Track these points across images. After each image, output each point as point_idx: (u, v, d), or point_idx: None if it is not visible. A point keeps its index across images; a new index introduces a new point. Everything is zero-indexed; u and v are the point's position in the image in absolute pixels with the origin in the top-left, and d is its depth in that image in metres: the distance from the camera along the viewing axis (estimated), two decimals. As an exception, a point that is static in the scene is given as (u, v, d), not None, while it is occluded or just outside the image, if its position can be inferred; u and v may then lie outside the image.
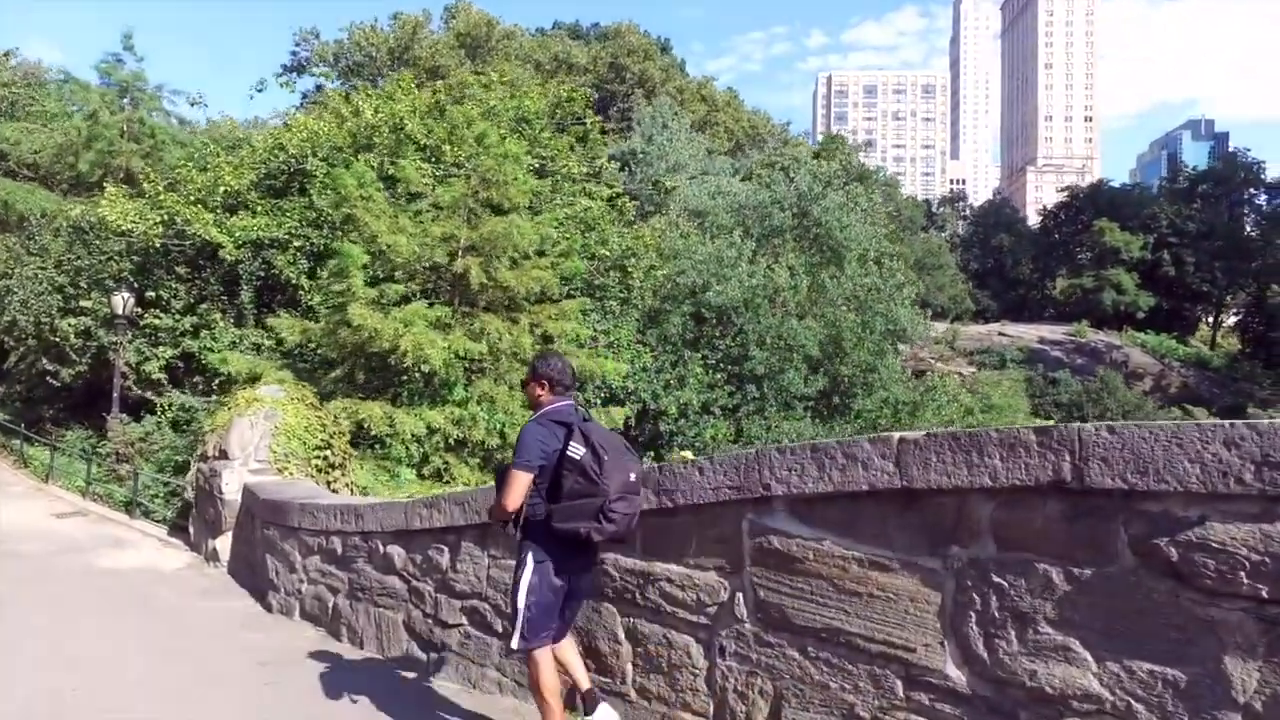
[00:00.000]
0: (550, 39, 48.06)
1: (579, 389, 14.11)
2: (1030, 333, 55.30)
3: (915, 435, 2.73)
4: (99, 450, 14.23)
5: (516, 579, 3.39)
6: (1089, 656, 2.30)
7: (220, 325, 14.53)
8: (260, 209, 14.99)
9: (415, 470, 10.88)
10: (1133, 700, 2.19)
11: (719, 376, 19.09)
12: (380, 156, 14.81)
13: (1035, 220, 79.10)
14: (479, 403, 11.34)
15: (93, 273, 16.05)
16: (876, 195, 30.68)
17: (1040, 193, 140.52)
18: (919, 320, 24.68)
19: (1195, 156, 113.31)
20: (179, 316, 15.01)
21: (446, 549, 4.75)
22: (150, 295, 15.16)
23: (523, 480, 3.29)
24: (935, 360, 43.30)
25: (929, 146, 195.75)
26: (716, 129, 44.52)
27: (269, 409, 8.78)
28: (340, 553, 5.82)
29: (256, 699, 4.59)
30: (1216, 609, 2.05)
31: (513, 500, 3.29)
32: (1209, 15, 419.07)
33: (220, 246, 14.37)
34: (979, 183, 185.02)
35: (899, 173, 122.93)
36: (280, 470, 8.46)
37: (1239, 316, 61.98)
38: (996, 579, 2.52)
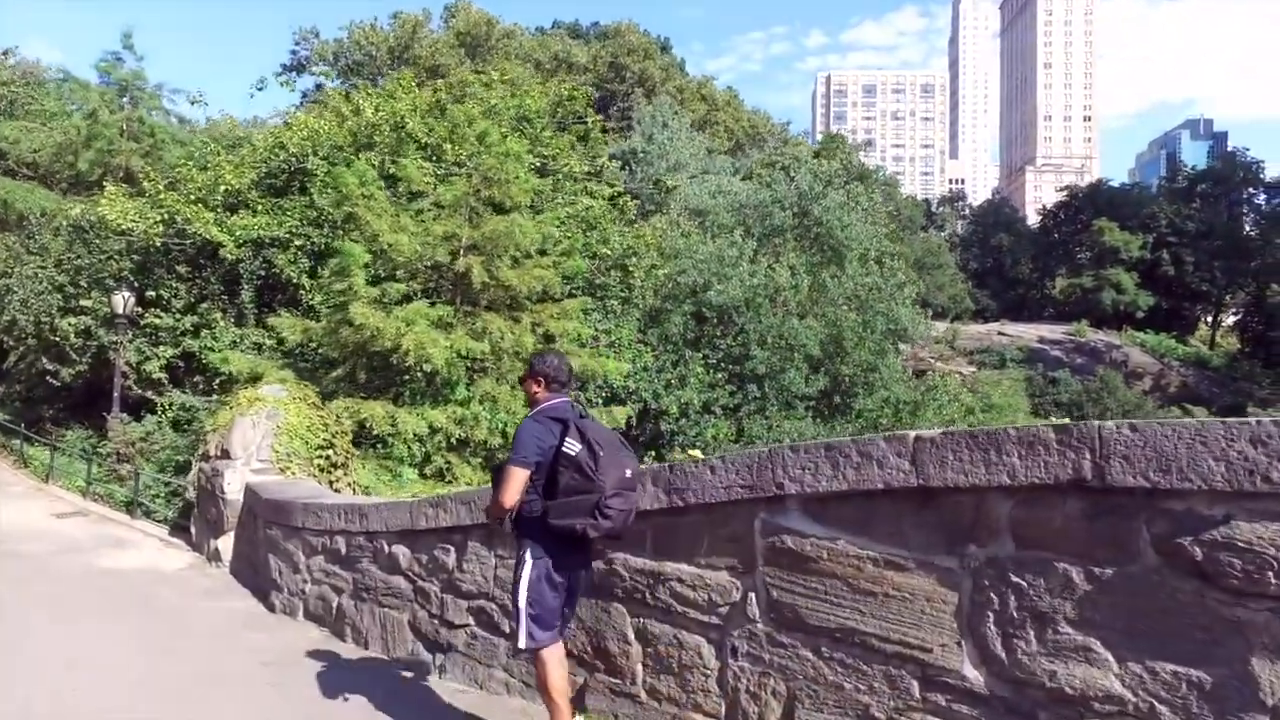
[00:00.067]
0: (550, 38, 48.03)
1: (581, 388, 14.08)
2: (1030, 332, 55.30)
3: (932, 433, 2.70)
4: (99, 450, 14.18)
5: (516, 577, 3.39)
6: (1110, 657, 2.27)
7: (221, 325, 14.50)
8: (261, 208, 14.96)
9: (417, 470, 10.85)
10: (1156, 702, 2.16)
11: (720, 376, 19.07)
12: (381, 155, 14.78)
13: (1034, 220, 79.10)
14: (481, 402, 11.31)
15: (93, 272, 16.00)
16: (877, 195, 30.67)
17: (1039, 192, 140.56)
18: (920, 320, 24.67)
19: (1194, 156, 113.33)
20: (179, 316, 14.97)
21: (453, 549, 4.71)
22: (151, 294, 15.13)
23: (519, 476, 3.29)
24: (935, 360, 43.28)
25: (928, 146, 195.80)
26: (716, 128, 44.49)
27: (271, 408, 8.74)
28: (344, 553, 5.79)
29: (261, 700, 4.56)
30: (1243, 609, 2.02)
31: (509, 497, 3.29)
32: (1208, 15, 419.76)
33: (221, 245, 14.34)
34: (978, 182, 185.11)
35: (898, 172, 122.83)
36: (282, 470, 8.42)
37: (1238, 316, 62.01)
38: (1015, 578, 2.49)
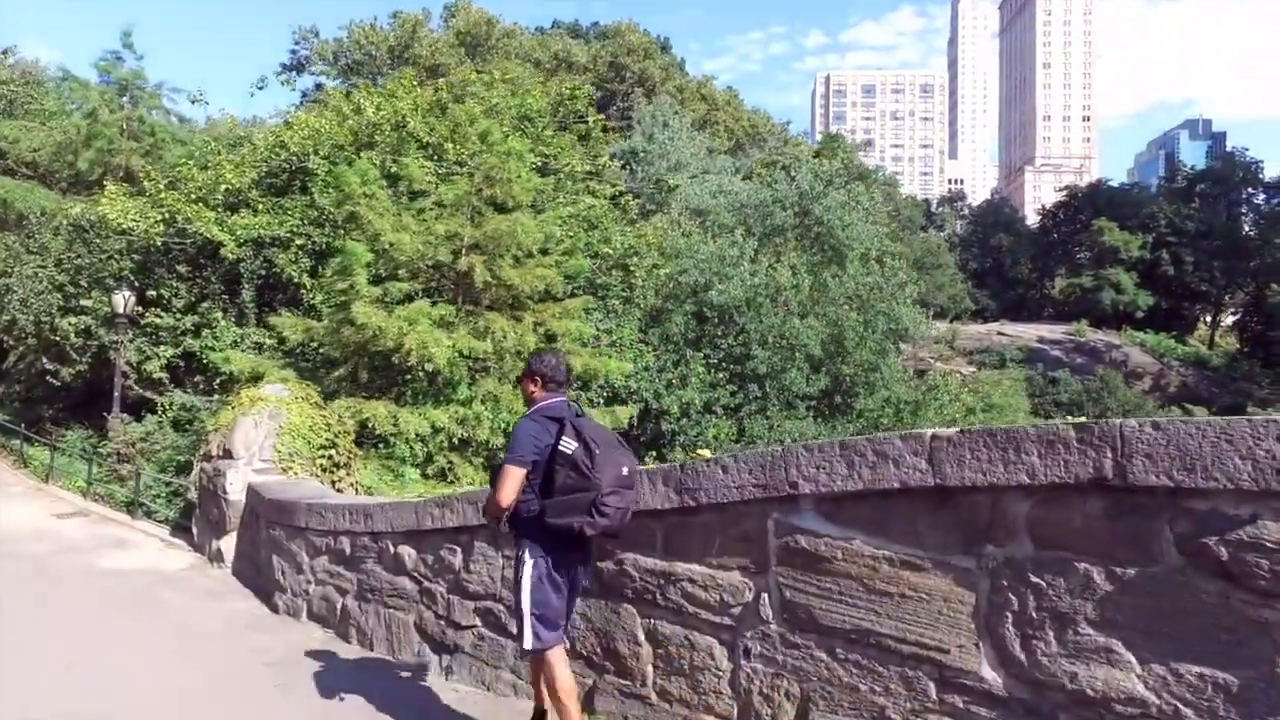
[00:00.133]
0: (550, 38, 47.99)
1: (583, 388, 14.05)
2: (1029, 332, 55.30)
3: (949, 432, 2.68)
4: (99, 450, 14.13)
5: (517, 577, 3.38)
6: (1133, 658, 2.24)
7: (222, 324, 14.46)
8: (262, 207, 14.93)
9: (419, 470, 10.82)
10: (1180, 704, 2.13)
11: (721, 376, 19.05)
12: (382, 155, 14.74)
13: (1034, 220, 79.09)
14: (483, 402, 11.28)
15: (93, 271, 15.95)
16: (877, 194, 30.65)
17: (1038, 192, 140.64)
18: (921, 320, 24.64)
19: (1193, 156, 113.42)
20: (180, 315, 14.94)
21: (459, 549, 4.68)
22: (151, 294, 15.09)
23: (516, 475, 3.31)
24: (935, 360, 43.27)
25: (927, 146, 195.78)
26: (716, 128, 44.45)
27: (273, 408, 8.70)
28: (349, 553, 5.75)
29: (266, 701, 4.54)
30: (1271, 610, 1.99)
31: (506, 495, 3.31)
32: (1207, 15, 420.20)
33: (221, 245, 14.30)
34: (977, 182, 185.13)
35: (897, 172, 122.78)
36: (285, 470, 8.38)
37: (1237, 316, 62.03)
38: (1034, 578, 2.47)
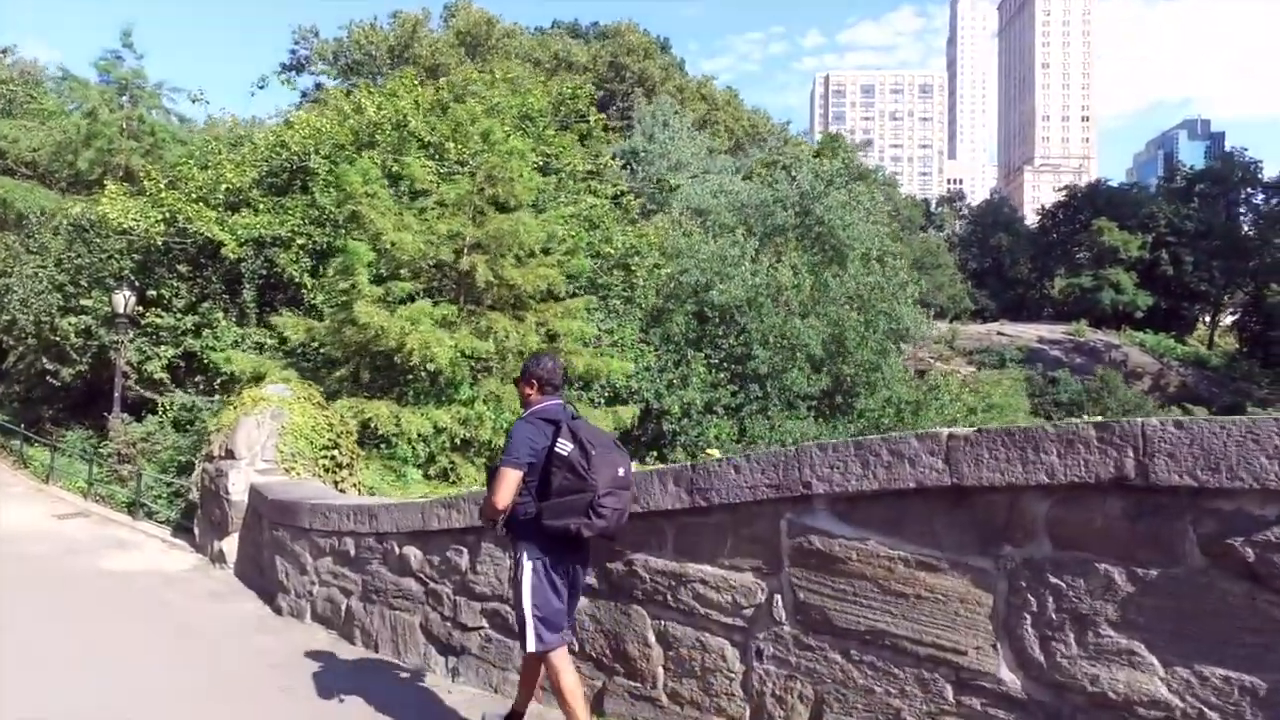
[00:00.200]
0: (550, 37, 47.94)
1: (584, 388, 14.02)
2: (1029, 332, 55.31)
3: (965, 431, 2.65)
4: (100, 451, 14.09)
5: (516, 579, 3.39)
6: (1155, 661, 2.22)
7: (222, 324, 14.43)
8: (262, 207, 14.89)
9: (421, 470, 10.78)
10: (1205, 708, 2.11)
11: (722, 376, 19.03)
12: (383, 154, 14.70)
13: (1033, 220, 79.09)
14: (485, 402, 11.24)
15: (93, 271, 15.91)
16: (878, 194, 30.64)
17: (1037, 192, 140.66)
18: (922, 319, 24.63)
19: (1191, 156, 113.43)
20: (181, 315, 14.90)
21: (466, 550, 4.65)
22: (151, 294, 15.05)
23: (512, 478, 3.32)
24: (935, 360, 43.27)
25: (926, 146, 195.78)
26: (716, 128, 44.40)
27: (275, 408, 8.66)
28: (353, 554, 5.72)
29: (271, 703, 4.50)
30: (1299, 612, 1.97)
31: (503, 498, 3.32)
32: (1205, 15, 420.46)
33: (222, 245, 14.26)
34: (976, 182, 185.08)
35: (896, 172, 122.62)
36: (287, 470, 8.35)
37: (1236, 316, 62.05)
38: (1053, 579, 2.44)
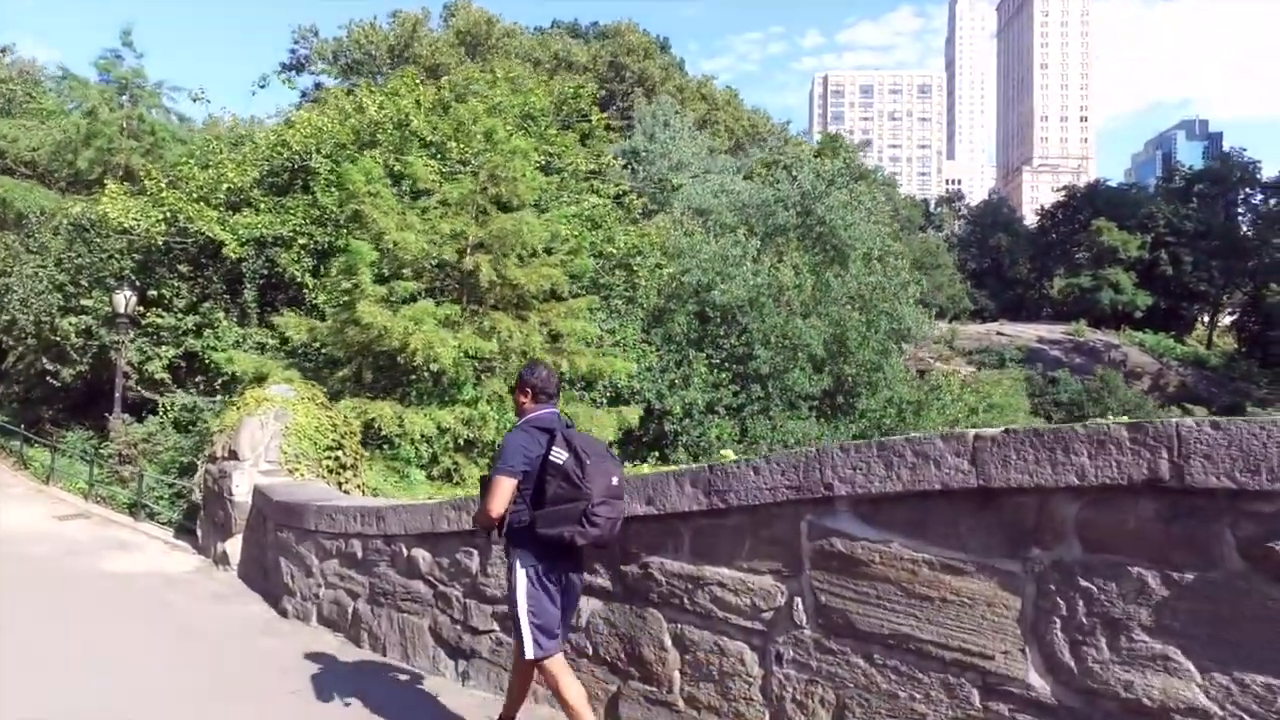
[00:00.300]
0: (550, 37, 47.88)
1: (587, 388, 13.98)
2: (1028, 332, 55.33)
3: (992, 432, 2.61)
4: (101, 451, 14.03)
5: (512, 586, 3.40)
6: (1192, 667, 2.17)
7: (224, 324, 14.38)
8: (264, 206, 14.84)
9: (424, 471, 10.74)
10: (1246, 716, 2.06)
11: (724, 376, 19.00)
12: (385, 153, 14.65)
13: (1032, 220, 79.15)
14: (489, 402, 11.20)
15: (93, 271, 15.85)
16: (878, 194, 30.63)
17: (1036, 192, 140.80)
18: (924, 319, 24.61)
19: (1189, 156, 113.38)
20: (181, 315, 14.85)
21: (476, 552, 4.61)
22: (152, 294, 15.01)
23: (507, 485, 3.33)
24: (935, 360, 43.25)
25: (925, 146, 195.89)
26: (717, 127, 44.37)
27: (279, 409, 8.60)
28: (360, 556, 5.67)
29: (278, 707, 4.46)
30: (1344, 617, 1.93)
31: (497, 505, 3.33)
32: (1204, 15, 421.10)
33: (223, 244, 14.21)
34: (975, 183, 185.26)
35: (895, 172, 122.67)
36: (291, 471, 8.30)
37: (1235, 316, 62.12)
38: (1084, 582, 2.40)
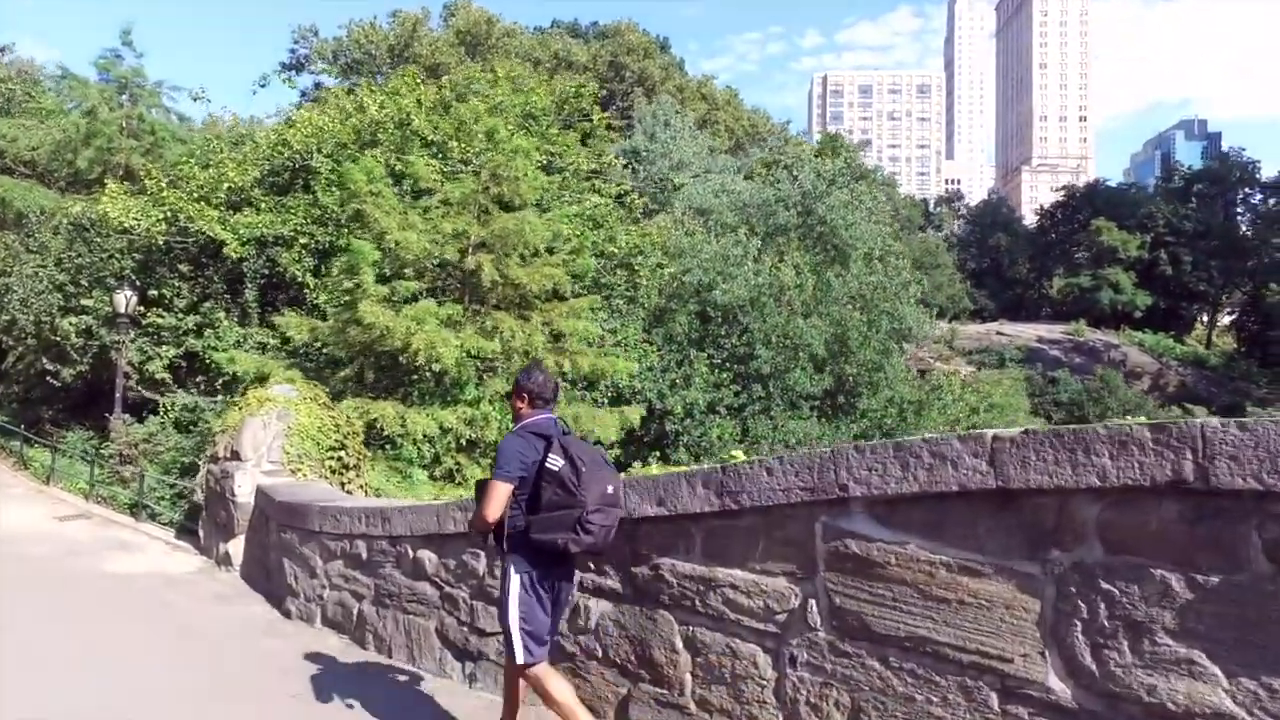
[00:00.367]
0: (550, 37, 47.84)
1: (589, 388, 13.94)
2: (1028, 332, 55.34)
3: (1011, 433, 2.58)
4: (101, 452, 13.99)
5: (504, 591, 3.38)
6: (1218, 671, 2.14)
7: (224, 324, 14.34)
8: (264, 206, 14.81)
9: (427, 471, 10.70)
10: None
11: (725, 376, 18.98)
12: (386, 153, 14.62)
13: (1031, 220, 79.17)
14: (491, 402, 11.17)
15: (94, 271, 15.81)
16: (879, 194, 30.62)
17: (1035, 192, 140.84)
18: (925, 319, 24.60)
19: (1188, 156, 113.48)
20: (182, 315, 14.82)
21: (482, 554, 4.57)
22: (153, 293, 14.97)
23: (503, 491, 3.31)
24: (935, 360, 43.24)
25: (924, 146, 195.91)
26: (717, 127, 44.35)
27: (282, 409, 8.57)
28: (365, 557, 5.64)
29: (281, 709, 4.43)
30: (1376, 621, 1.89)
31: (493, 511, 3.30)
32: (1204, 15, 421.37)
33: (224, 244, 14.17)
34: (974, 182, 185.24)
35: (894, 172, 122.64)
36: (294, 471, 8.26)
37: (1234, 315, 62.16)
38: (1105, 585, 2.37)
